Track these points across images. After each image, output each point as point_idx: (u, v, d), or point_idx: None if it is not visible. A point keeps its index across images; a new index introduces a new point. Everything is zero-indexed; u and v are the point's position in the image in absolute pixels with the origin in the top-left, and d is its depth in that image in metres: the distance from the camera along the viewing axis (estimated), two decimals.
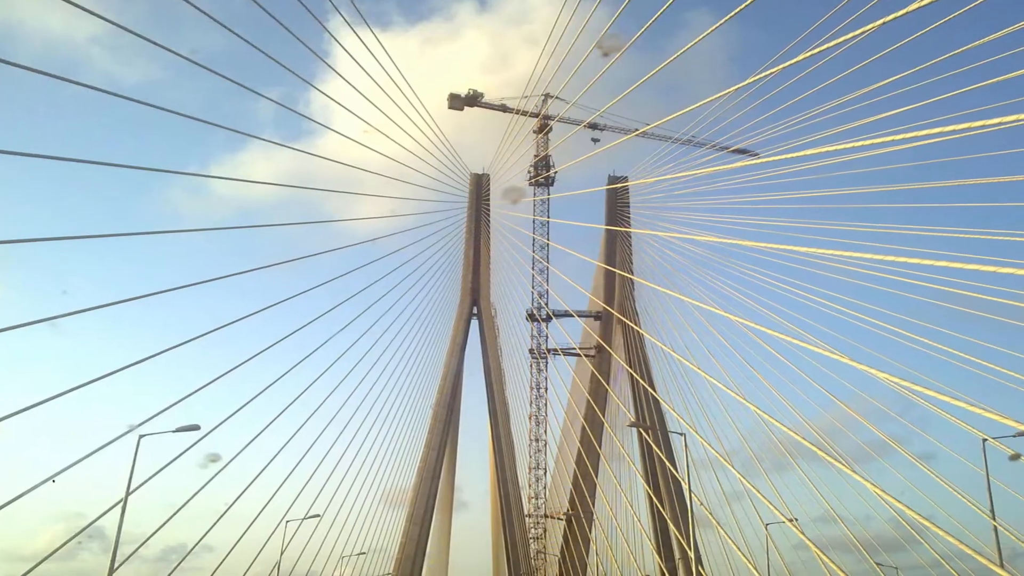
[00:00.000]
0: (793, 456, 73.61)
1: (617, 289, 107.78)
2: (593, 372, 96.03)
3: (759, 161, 65.19)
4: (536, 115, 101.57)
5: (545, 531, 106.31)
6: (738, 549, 55.99)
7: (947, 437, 65.28)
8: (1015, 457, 46.55)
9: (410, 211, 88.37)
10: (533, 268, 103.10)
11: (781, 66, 37.68)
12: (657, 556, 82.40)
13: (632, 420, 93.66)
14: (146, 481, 42.03)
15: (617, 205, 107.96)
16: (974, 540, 55.44)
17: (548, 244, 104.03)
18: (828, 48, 32.44)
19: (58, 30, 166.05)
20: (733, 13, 32.28)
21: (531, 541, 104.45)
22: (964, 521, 59.93)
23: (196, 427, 41.46)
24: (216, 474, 51.35)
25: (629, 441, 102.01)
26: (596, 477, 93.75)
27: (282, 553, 62.44)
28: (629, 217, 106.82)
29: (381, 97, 66.88)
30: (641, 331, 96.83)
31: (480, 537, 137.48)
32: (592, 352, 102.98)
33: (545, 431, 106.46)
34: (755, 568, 52.90)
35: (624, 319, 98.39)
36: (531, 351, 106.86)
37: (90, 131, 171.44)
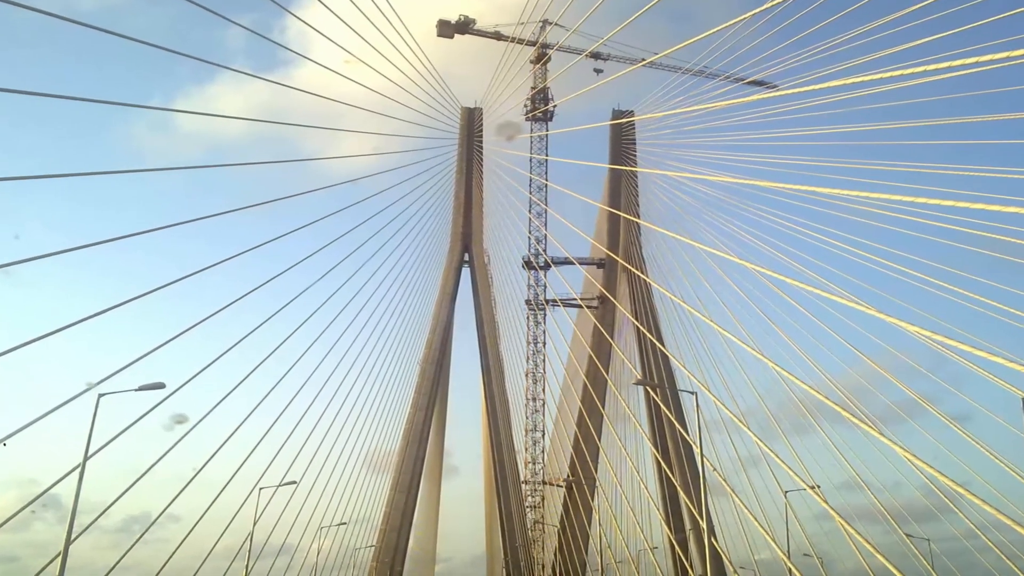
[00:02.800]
0: (815, 417, 73.78)
1: (622, 234, 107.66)
2: (596, 325, 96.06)
3: (777, 94, 64.56)
4: (533, 43, 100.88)
5: (543, 499, 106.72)
6: (755, 519, 56.34)
7: (983, 396, 65.29)
8: None
9: (396, 149, 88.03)
10: (530, 211, 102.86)
11: None
12: (666, 527, 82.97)
13: (638, 377, 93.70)
14: (106, 444, 42.02)
15: (622, 142, 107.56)
16: (1013, 509, 55.75)
17: (546, 185, 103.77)
18: None
19: None
20: None
21: (528, 510, 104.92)
22: (1002, 488, 59.89)
23: (161, 385, 41.37)
24: (183, 437, 51.33)
25: (635, 400, 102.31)
26: (599, 440, 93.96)
27: (255, 523, 62.36)
28: (635, 155, 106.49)
29: (363, 23, 66.37)
30: (648, 280, 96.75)
31: (472, 506, 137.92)
32: (594, 303, 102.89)
33: (543, 390, 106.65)
34: (773, 540, 53.18)
35: (629, 267, 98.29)
36: (528, 302, 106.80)
37: (44, 61, 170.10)
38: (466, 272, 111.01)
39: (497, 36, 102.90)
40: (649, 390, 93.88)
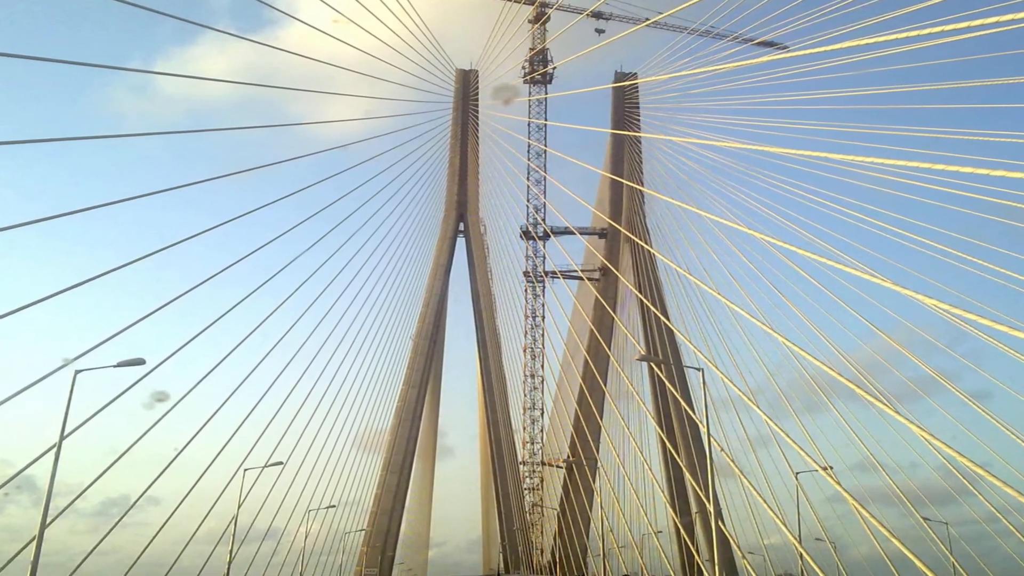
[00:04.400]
0: (827, 395, 73.73)
1: (625, 203, 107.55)
2: (597, 298, 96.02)
3: (788, 55, 64.38)
4: (532, 2, 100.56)
5: (542, 481, 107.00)
6: (764, 502, 56.26)
7: (1005, 372, 65.31)
8: None
9: (387, 113, 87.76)
10: (528, 178, 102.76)
11: None
12: (671, 510, 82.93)
13: (642, 353, 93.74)
14: (83, 423, 41.92)
15: (625, 106, 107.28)
16: None
17: (545, 151, 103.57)
18: None
19: None
20: None
21: (526, 492, 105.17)
22: None
23: (141, 361, 41.13)
24: (164, 415, 51.27)
25: (639, 377, 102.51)
26: (600, 419, 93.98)
27: (239, 506, 62.21)
28: (639, 120, 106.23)
29: None
30: (652, 251, 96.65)
31: (467, 488, 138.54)
32: (596, 275, 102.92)
33: (542, 366, 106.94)
34: (784, 523, 53.20)
35: (633, 237, 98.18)
36: (526, 273, 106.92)
37: (17, 21, 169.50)
38: (461, 242, 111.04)
39: None
40: (653, 366, 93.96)
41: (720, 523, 57.83)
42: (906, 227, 60.78)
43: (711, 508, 47.76)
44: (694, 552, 75.88)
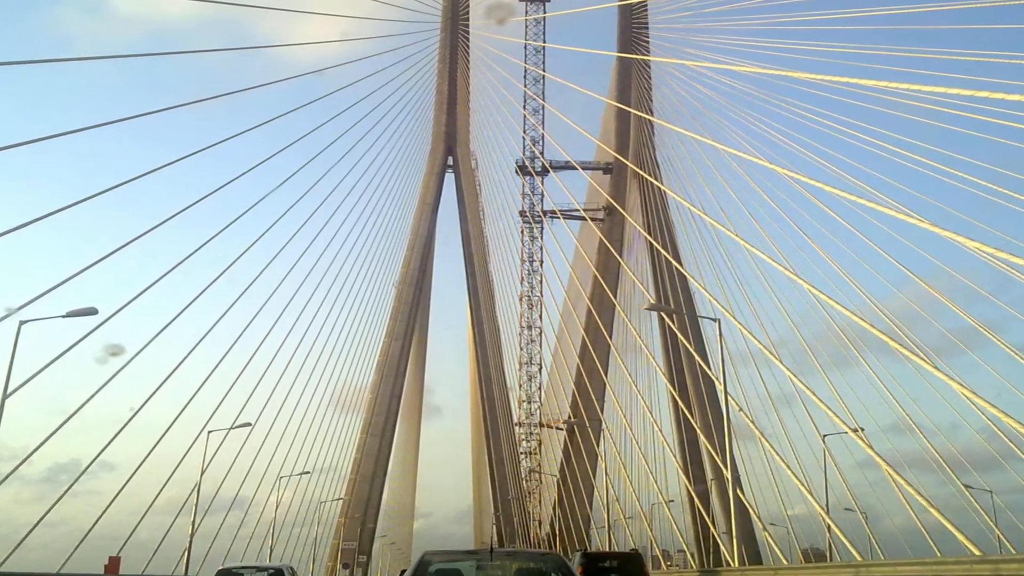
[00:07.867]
0: (858, 348, 73.78)
1: (632, 134, 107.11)
2: (602, 240, 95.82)
3: None
4: None
5: (540, 444, 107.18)
6: (787, 468, 56.41)
7: None
8: None
9: (367, 34, 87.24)
10: (525, 107, 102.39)
11: None
12: (684, 476, 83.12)
13: (652, 302, 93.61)
14: (28, 380, 41.93)
15: (632, 27, 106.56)
16: None
17: (544, 76, 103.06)
18: None
19: None
20: None
21: (522, 457, 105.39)
22: None
23: (93, 311, 41.11)
24: (119, 371, 51.30)
25: (648, 329, 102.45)
26: (605, 376, 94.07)
27: (203, 472, 62.47)
28: (648, 42, 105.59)
29: None
30: (663, 188, 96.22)
31: (457, 452, 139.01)
32: (600, 214, 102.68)
33: (540, 316, 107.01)
34: (809, 491, 53.30)
35: (641, 172, 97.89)
36: (522, 213, 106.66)
37: None
38: (450, 178, 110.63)
39: None
40: (664, 316, 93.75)
41: (739, 491, 58.03)
42: (947, 162, 60.49)
43: (728, 475, 47.86)
44: (709, 523, 75.96)
